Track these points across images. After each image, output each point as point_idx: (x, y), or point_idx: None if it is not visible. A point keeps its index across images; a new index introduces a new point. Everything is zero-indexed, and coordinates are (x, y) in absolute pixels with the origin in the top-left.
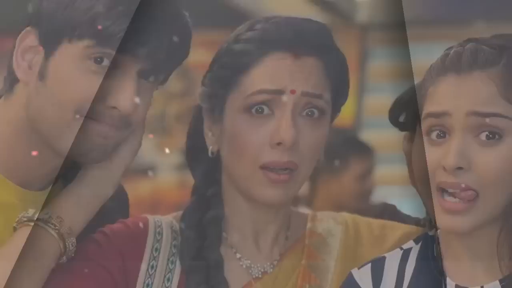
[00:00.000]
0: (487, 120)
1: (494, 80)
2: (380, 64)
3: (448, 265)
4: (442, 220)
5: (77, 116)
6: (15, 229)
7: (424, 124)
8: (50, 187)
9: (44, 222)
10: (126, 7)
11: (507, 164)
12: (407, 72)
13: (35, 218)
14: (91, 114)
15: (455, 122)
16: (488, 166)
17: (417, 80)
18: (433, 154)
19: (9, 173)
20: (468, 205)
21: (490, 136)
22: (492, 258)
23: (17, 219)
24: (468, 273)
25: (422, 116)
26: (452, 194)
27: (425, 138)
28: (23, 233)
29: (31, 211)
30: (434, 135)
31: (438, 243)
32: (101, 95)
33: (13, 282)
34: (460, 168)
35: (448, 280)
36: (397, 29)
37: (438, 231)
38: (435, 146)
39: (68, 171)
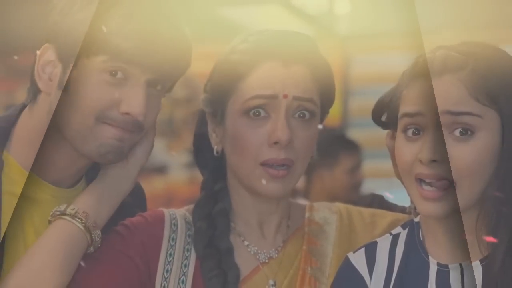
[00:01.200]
0: (460, 118)
1: (464, 82)
2: (361, 70)
3: (429, 246)
4: (422, 206)
5: (96, 122)
6: (50, 222)
7: (401, 123)
8: (78, 184)
9: (71, 216)
10: (134, 25)
11: (480, 157)
12: (385, 77)
13: (67, 212)
14: (108, 120)
15: (430, 121)
16: (463, 158)
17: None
18: (410, 149)
19: (42, 173)
20: (444, 193)
21: (463, 132)
22: (470, 240)
23: (51, 213)
24: (447, 253)
25: (399, 116)
26: (429, 184)
27: (402, 135)
28: (57, 225)
29: (63, 206)
30: (410, 132)
31: None
32: (115, 103)
33: (48, 271)
34: (435, 161)
35: (430, 258)
36: (374, 39)
37: (419, 216)
38: (411, 142)
39: (90, 171)
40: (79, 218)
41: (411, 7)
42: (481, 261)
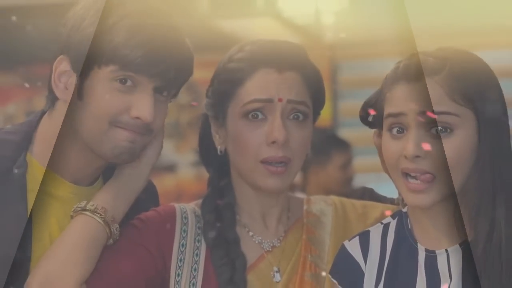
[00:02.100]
0: (439, 117)
1: (442, 84)
2: (348, 75)
3: (417, 233)
4: (408, 198)
5: (110, 126)
6: (71, 217)
7: (386, 123)
8: (96, 183)
9: (91, 212)
10: (140, 37)
11: (459, 152)
12: (370, 81)
13: (87, 208)
14: (120, 124)
15: (412, 120)
16: (442, 154)
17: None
18: (395, 146)
19: (63, 172)
20: (428, 186)
21: (443, 130)
22: (452, 226)
23: (72, 209)
24: (433, 239)
25: (384, 116)
26: (414, 177)
27: (387, 134)
28: (79, 220)
29: (83, 203)
30: (395, 131)
31: None
32: (126, 108)
33: (72, 261)
34: (418, 156)
35: (418, 245)
36: (358, 47)
37: (407, 207)
38: (396, 140)
39: (106, 170)
40: (98, 213)
41: (393, 15)
42: (460, 245)
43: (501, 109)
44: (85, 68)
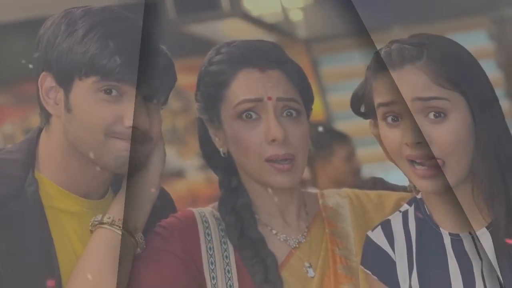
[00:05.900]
0: (430, 102)
1: (424, 70)
2: (329, 68)
3: (437, 218)
4: (419, 184)
5: (106, 137)
6: (91, 232)
7: (379, 112)
8: (107, 195)
9: (109, 225)
10: (115, 46)
11: (458, 135)
12: (352, 73)
13: (104, 221)
14: (117, 135)
15: (404, 107)
16: (443, 139)
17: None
18: (394, 135)
19: (72, 188)
20: (437, 170)
21: (437, 115)
22: (473, 209)
23: (90, 223)
24: (454, 222)
25: (375, 106)
26: (421, 163)
27: (383, 123)
28: (99, 234)
29: (99, 216)
30: (389, 119)
31: None
32: (118, 119)
33: (103, 276)
34: (419, 142)
35: (441, 230)
36: (333, 40)
37: (421, 193)
38: (393, 128)
39: (115, 182)
40: (116, 225)
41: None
42: (487, 227)
43: (488, 87)
44: (68, 81)
